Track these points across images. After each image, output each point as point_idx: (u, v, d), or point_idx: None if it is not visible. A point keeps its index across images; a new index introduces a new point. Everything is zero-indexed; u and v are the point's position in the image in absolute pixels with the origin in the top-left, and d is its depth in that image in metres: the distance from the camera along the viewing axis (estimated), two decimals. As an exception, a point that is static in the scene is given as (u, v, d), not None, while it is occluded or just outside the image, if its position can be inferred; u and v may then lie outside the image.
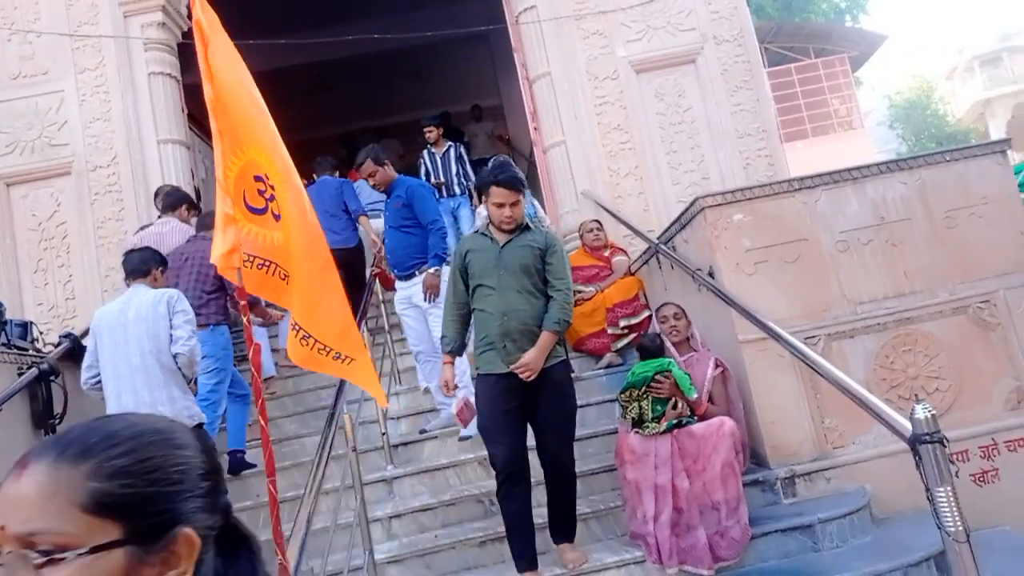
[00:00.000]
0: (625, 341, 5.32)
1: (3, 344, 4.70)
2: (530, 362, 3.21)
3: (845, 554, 3.38)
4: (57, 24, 6.34)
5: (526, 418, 3.34)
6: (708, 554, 3.31)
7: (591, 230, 5.78)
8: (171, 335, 3.66)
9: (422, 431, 4.82)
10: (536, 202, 5.35)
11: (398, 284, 4.89)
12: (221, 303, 4.61)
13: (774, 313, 3.76)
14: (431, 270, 4.63)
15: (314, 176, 6.25)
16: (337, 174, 6.41)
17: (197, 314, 4.06)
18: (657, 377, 3.58)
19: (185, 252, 4.73)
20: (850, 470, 3.87)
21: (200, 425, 3.72)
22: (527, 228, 3.39)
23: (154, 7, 6.48)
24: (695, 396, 3.61)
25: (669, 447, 3.45)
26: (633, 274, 5.62)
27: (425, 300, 4.68)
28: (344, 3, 9.42)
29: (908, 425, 2.19)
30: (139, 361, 3.62)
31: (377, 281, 5.82)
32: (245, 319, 2.60)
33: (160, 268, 3.98)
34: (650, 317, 4.86)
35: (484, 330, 3.36)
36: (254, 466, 4.59)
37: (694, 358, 3.91)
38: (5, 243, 6.17)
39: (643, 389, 3.61)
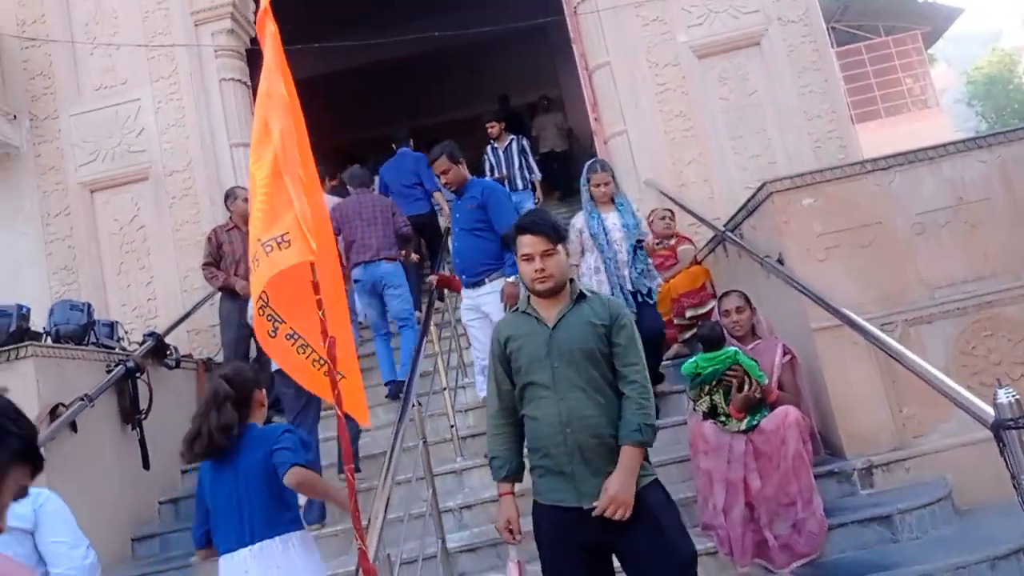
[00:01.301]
0: (692, 331, 5.26)
1: (92, 343, 4.96)
2: (617, 494, 2.26)
3: (926, 545, 3.28)
4: (134, 35, 6.62)
5: (610, 561, 2.47)
6: (781, 554, 3.26)
7: (663, 218, 5.70)
8: None
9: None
10: (635, 207, 4.90)
11: (465, 292, 4.66)
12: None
13: (848, 299, 3.66)
14: (510, 279, 4.35)
15: (392, 146, 7.03)
16: (412, 143, 7.15)
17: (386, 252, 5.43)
18: (727, 373, 3.52)
19: (350, 208, 5.61)
20: (930, 459, 3.75)
21: None
22: (582, 297, 2.47)
23: (223, 15, 6.70)
24: (766, 382, 3.54)
25: (744, 445, 3.39)
26: (699, 263, 5.54)
27: (506, 310, 4.39)
28: (402, 4, 9.55)
29: (990, 411, 2.12)
30: None
31: (436, 286, 5.30)
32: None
33: None
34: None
35: (540, 445, 2.44)
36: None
37: (760, 346, 3.83)
38: (90, 247, 6.49)
39: (714, 383, 3.56)
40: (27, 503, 2.35)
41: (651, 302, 4.57)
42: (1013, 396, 2.06)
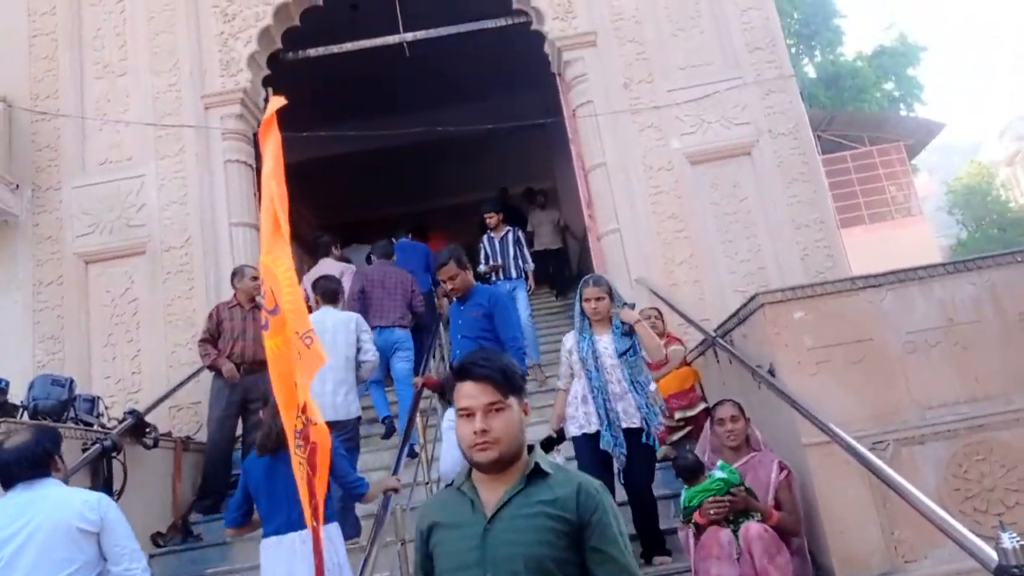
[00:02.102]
0: (681, 434, 5.22)
1: (71, 418, 4.85)
2: None
3: None
4: (144, 114, 6.76)
5: None
6: None
7: (649, 317, 5.74)
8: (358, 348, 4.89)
9: None
10: (623, 301, 4.38)
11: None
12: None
13: (839, 415, 3.64)
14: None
15: (392, 239, 7.39)
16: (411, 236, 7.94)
17: (400, 320, 6.05)
18: (726, 498, 3.51)
19: (376, 275, 6.27)
20: (926, 585, 3.65)
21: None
22: (538, 474, 1.67)
23: (233, 100, 6.87)
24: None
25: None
26: (689, 364, 5.55)
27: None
28: (404, 95, 9.85)
29: (993, 554, 2.08)
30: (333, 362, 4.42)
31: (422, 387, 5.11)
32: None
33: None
34: (706, 410, 4.76)
35: None
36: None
37: (756, 459, 3.80)
38: (79, 318, 6.44)
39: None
40: (95, 508, 2.74)
41: (650, 445, 3.99)
42: (1018, 542, 2.02)
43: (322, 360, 2.38)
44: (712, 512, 3.48)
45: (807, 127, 6.81)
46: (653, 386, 4.20)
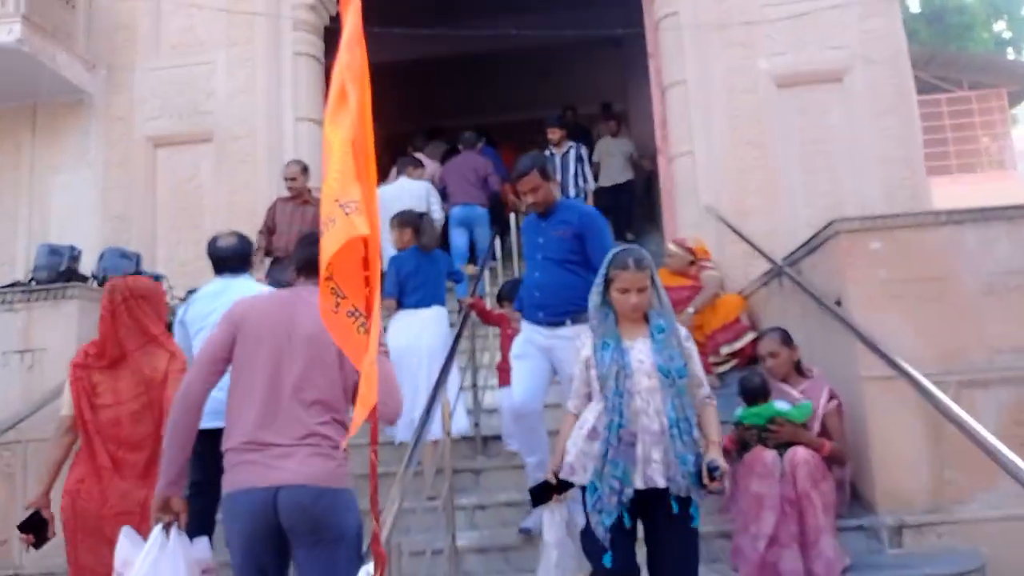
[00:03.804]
0: (728, 366, 5.11)
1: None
2: None
3: None
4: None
5: None
6: None
7: (672, 256, 5.45)
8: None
9: (521, 530, 3.87)
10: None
11: (533, 327, 3.75)
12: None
13: (903, 352, 3.52)
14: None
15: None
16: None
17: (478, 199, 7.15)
18: (771, 427, 3.47)
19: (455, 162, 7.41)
20: (966, 528, 3.58)
21: None
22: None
23: (307, -11, 6.76)
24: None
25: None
26: (741, 296, 5.39)
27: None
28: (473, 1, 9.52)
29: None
30: None
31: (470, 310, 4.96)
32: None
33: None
34: (755, 341, 4.63)
35: None
36: None
37: (806, 387, 3.73)
38: (147, 200, 6.57)
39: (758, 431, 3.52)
40: None
41: (692, 520, 2.60)
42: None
43: (356, 230, 2.25)
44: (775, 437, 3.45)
45: (905, 57, 6.35)
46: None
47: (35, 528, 2.92)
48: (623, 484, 2.54)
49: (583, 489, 2.64)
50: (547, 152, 7.46)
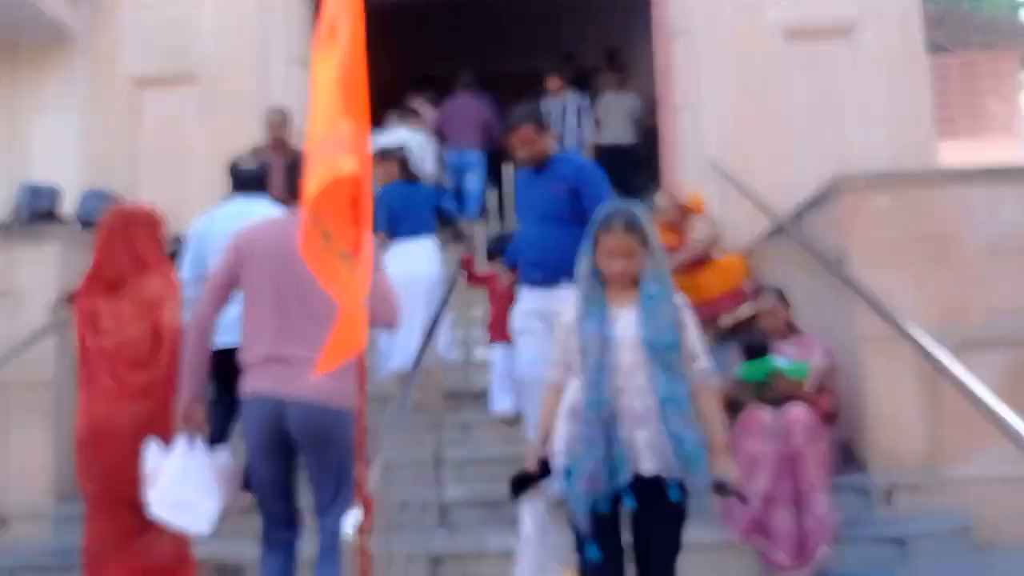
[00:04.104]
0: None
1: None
2: None
3: (936, 573, 3.24)
4: (207, -67, 6.46)
5: None
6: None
7: (658, 207, 5.12)
8: None
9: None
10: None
11: (529, 292, 3.63)
12: None
13: (903, 311, 3.45)
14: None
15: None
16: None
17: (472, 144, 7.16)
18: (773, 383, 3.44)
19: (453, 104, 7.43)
20: (957, 489, 3.59)
21: None
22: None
23: (301, -73, 6.52)
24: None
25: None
26: (742, 257, 5.23)
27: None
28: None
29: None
30: None
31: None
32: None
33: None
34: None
35: None
36: None
37: (798, 343, 3.71)
38: (131, 142, 6.38)
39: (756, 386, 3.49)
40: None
41: (676, 503, 2.33)
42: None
43: (339, 171, 2.15)
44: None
45: (918, 12, 6.16)
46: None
47: None
48: (608, 469, 2.27)
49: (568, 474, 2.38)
50: (546, 101, 7.29)
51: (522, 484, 2.48)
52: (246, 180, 3.94)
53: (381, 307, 2.59)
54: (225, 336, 2.93)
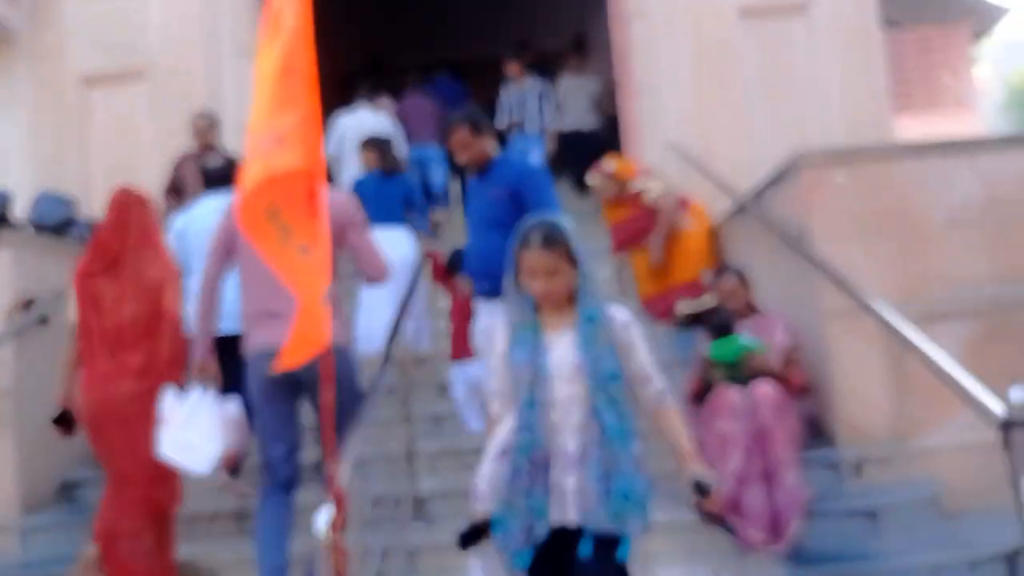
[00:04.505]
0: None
1: (76, 238, 4.81)
2: None
3: (908, 543, 3.27)
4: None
5: None
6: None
7: (596, 188, 5.06)
8: None
9: None
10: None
11: (484, 306, 3.45)
12: None
13: (865, 285, 3.49)
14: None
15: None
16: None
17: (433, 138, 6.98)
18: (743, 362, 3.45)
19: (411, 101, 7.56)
20: (925, 459, 3.64)
21: None
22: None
23: (248, -86, 6.36)
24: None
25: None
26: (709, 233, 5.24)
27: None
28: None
29: (999, 408, 1.98)
30: None
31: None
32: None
33: None
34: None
35: None
36: None
37: (759, 322, 3.73)
38: (81, 143, 6.23)
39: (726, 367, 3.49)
40: None
41: (618, 559, 2.00)
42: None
43: (274, 171, 2.14)
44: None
45: (871, -14, 6.23)
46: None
47: (65, 422, 3.26)
48: (535, 518, 2.00)
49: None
50: (506, 87, 7.24)
51: (472, 537, 2.15)
52: (217, 178, 4.05)
53: (369, 263, 3.01)
54: (224, 323, 3.12)
